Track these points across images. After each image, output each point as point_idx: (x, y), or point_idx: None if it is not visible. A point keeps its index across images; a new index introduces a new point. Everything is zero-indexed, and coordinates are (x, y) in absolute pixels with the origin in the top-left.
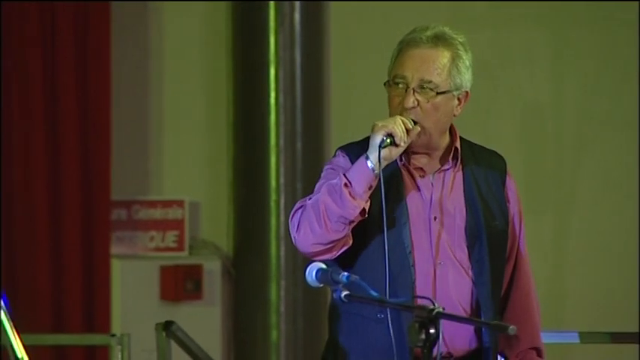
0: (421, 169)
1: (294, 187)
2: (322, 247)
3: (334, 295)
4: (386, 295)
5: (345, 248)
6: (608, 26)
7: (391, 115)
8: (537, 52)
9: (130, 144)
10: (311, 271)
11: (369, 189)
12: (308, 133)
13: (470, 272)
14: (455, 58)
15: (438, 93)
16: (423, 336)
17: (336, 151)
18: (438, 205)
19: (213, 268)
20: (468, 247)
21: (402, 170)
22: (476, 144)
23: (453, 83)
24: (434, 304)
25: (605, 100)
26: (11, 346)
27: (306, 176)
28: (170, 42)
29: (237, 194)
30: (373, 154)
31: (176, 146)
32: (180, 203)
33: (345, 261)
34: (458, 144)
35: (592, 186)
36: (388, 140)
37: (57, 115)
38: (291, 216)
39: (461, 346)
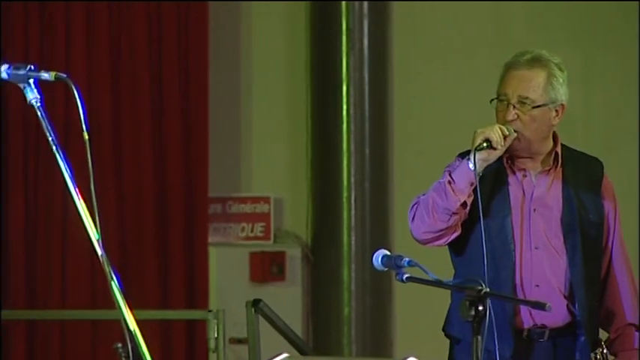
0: (524, 169)
1: (363, 186)
2: (432, 235)
3: (397, 278)
4: (486, 275)
5: (454, 236)
6: (630, 47)
7: None
8: (570, 69)
9: (224, 149)
10: (377, 257)
11: (470, 185)
12: (374, 140)
13: (564, 256)
14: (549, 77)
15: (534, 107)
16: (473, 312)
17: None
18: (538, 199)
19: (294, 254)
20: (563, 236)
21: (508, 171)
22: (576, 150)
23: (548, 98)
24: (482, 285)
25: (627, 111)
26: (124, 319)
27: (373, 176)
28: (258, 57)
29: (314, 191)
30: (472, 156)
31: (263, 150)
32: (266, 199)
33: (457, 247)
34: (559, 149)
35: (617, 184)
36: (485, 144)
37: (162, 119)
38: (409, 210)
39: (554, 319)
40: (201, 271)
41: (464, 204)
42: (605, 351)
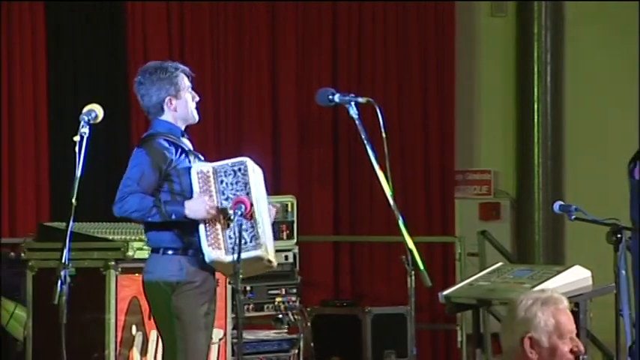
0: None
1: (546, 164)
2: None
3: (568, 218)
4: None
5: None
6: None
7: None
8: None
9: (463, 139)
10: (556, 205)
11: None
12: (555, 134)
13: None
14: None
15: None
16: (614, 238)
17: None
18: None
19: (505, 204)
20: None
21: None
22: None
23: None
24: (618, 220)
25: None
26: (406, 241)
27: (553, 157)
28: (481, 68)
29: (517, 166)
30: None
31: (487, 139)
32: (488, 171)
33: None
34: None
35: None
36: None
37: (427, 119)
38: None
39: None
40: (450, 214)
41: None
42: None
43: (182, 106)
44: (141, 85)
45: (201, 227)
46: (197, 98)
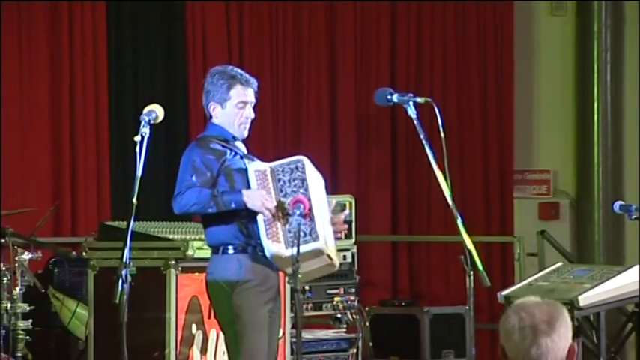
0: None
1: (606, 163)
2: None
3: (629, 217)
4: None
5: None
6: None
7: None
8: None
9: (522, 139)
10: (616, 205)
11: None
12: (615, 128)
13: None
14: None
15: None
16: None
17: None
18: None
19: (565, 204)
20: None
21: None
22: None
23: None
24: None
25: None
26: (464, 241)
27: (613, 157)
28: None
29: (577, 166)
30: None
31: (546, 139)
32: (547, 171)
33: None
34: None
35: None
36: None
37: (487, 125)
38: None
39: None
40: (509, 214)
41: None
42: None
43: (224, 116)
44: (205, 84)
45: (260, 221)
46: (252, 116)
